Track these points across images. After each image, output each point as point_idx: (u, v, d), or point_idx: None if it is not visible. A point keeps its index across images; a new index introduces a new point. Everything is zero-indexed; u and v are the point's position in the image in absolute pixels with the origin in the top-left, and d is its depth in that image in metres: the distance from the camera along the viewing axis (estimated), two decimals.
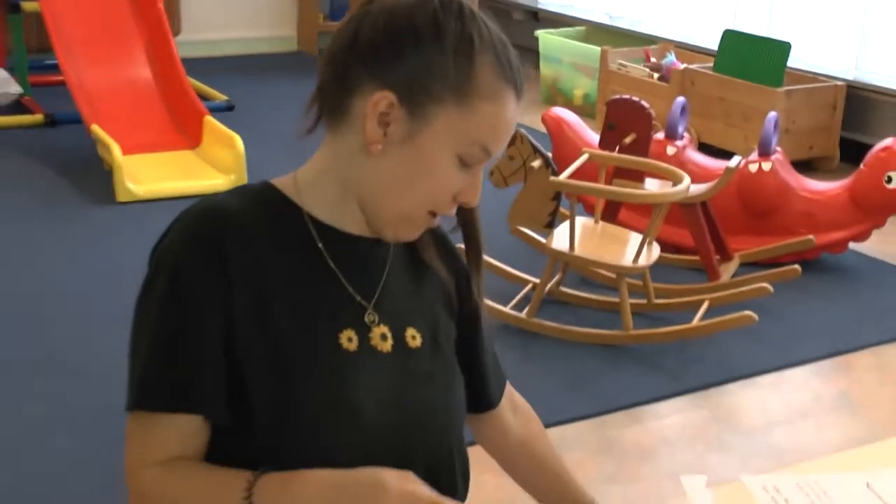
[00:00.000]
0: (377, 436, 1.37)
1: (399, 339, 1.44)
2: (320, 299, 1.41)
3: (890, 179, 4.31)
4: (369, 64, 1.35)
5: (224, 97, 6.36)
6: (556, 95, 6.85)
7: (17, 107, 6.11)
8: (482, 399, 1.61)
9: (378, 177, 1.39)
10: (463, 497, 1.54)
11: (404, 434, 1.42)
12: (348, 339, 1.40)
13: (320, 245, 1.42)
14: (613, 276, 3.91)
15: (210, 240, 1.36)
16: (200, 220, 1.38)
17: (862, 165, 4.42)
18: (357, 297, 1.43)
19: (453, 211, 1.42)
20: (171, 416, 1.35)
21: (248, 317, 1.36)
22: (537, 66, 7.11)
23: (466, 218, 1.51)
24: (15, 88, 6.09)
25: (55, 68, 5.78)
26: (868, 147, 4.54)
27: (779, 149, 4.52)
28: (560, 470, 1.71)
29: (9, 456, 3.03)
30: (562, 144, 4.61)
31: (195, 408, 1.35)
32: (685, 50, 6.45)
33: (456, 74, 1.33)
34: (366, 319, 1.42)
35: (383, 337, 1.43)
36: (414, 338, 1.46)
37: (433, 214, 1.41)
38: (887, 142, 4.42)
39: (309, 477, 1.30)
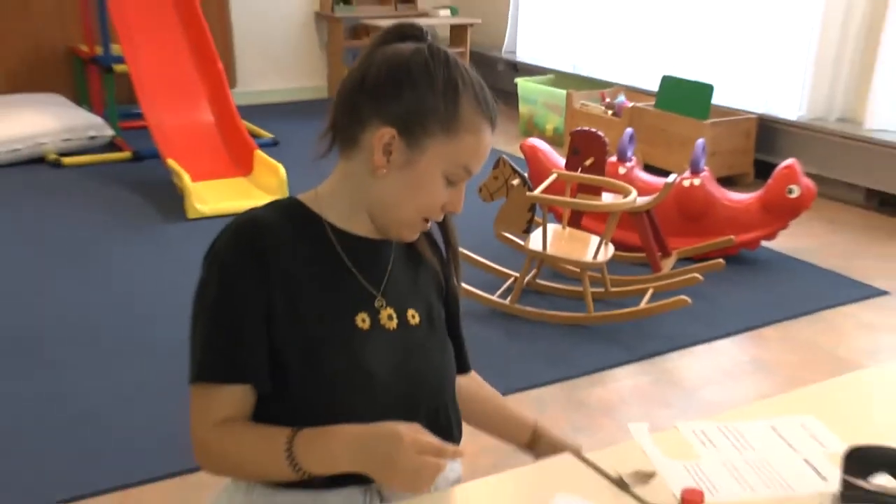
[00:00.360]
0: (387, 395, 1.40)
1: (402, 318, 1.47)
2: (339, 289, 1.43)
3: (791, 191, 4.33)
4: (374, 103, 1.38)
5: (270, 135, 6.36)
6: (532, 129, 6.84)
7: (110, 146, 6.11)
8: (461, 365, 1.64)
9: (383, 193, 1.42)
10: (458, 441, 1.56)
11: (409, 393, 1.44)
12: (362, 320, 1.43)
13: (338, 247, 1.44)
14: (578, 270, 3.91)
15: (249, 244, 1.38)
16: (242, 229, 1.40)
17: (770, 180, 4.43)
18: (368, 287, 1.45)
19: (442, 217, 1.47)
20: (226, 386, 1.37)
21: (282, 304, 1.38)
22: (517, 106, 7.09)
23: (443, 222, 1.56)
24: (108, 132, 6.09)
25: (139, 115, 5.78)
26: (774, 166, 4.54)
27: (706, 168, 4.52)
28: (503, 406, 1.75)
29: (99, 417, 3.03)
30: (536, 167, 4.61)
31: (244, 378, 1.37)
32: (633, 91, 6.45)
33: (445, 112, 1.36)
34: (375, 304, 1.45)
35: (390, 317, 1.45)
36: (413, 317, 1.49)
37: (426, 220, 1.45)
38: (788, 161, 4.43)
39: (337, 431, 1.31)
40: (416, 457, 1.24)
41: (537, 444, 1.68)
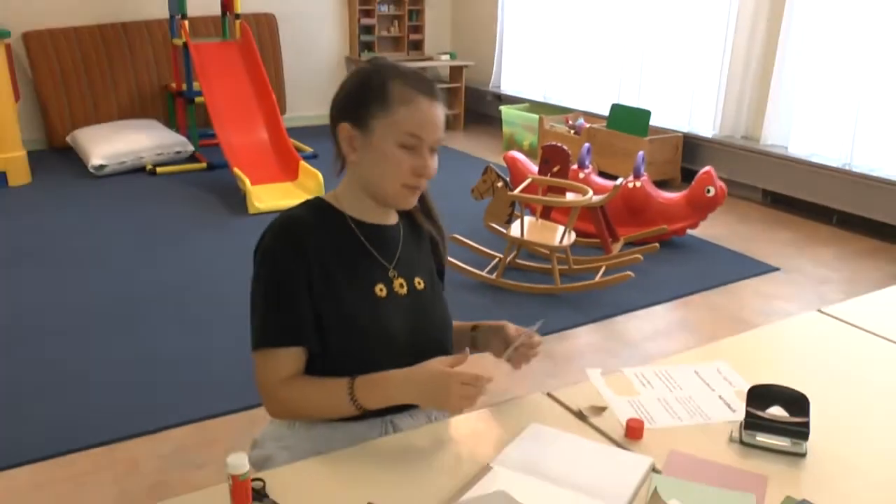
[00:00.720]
0: (403, 349, 1.38)
1: (411, 285, 1.46)
2: (361, 266, 1.42)
3: (709, 191, 4.30)
4: (337, 112, 1.39)
5: (311, 149, 6.33)
6: (513, 144, 6.81)
7: (191, 159, 6.08)
8: None
9: (366, 176, 1.40)
10: None
11: (417, 343, 1.42)
12: (380, 290, 1.42)
13: (357, 233, 1.43)
14: (548, 252, 3.90)
15: (288, 235, 1.37)
16: (282, 225, 1.39)
17: (693, 183, 4.40)
18: (384, 262, 1.44)
19: (421, 181, 1.39)
20: (284, 349, 1.36)
21: (319, 280, 1.37)
22: (500, 127, 7.07)
23: (426, 205, 1.55)
24: (190, 148, 6.07)
25: (213, 135, 5.76)
26: (695, 172, 4.52)
27: (645, 174, 4.50)
28: (455, 328, 1.58)
29: (180, 366, 3.02)
30: (515, 173, 4.59)
31: (298, 341, 1.36)
32: (589, 115, 6.41)
33: (378, 96, 1.34)
34: (389, 275, 1.44)
35: (401, 286, 1.44)
36: (419, 283, 1.48)
37: (408, 187, 1.39)
38: (706, 168, 4.39)
39: (388, 375, 1.32)
40: (462, 387, 1.26)
41: (478, 331, 1.59)
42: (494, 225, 3.93)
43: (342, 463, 1.25)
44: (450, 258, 3.63)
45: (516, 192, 3.83)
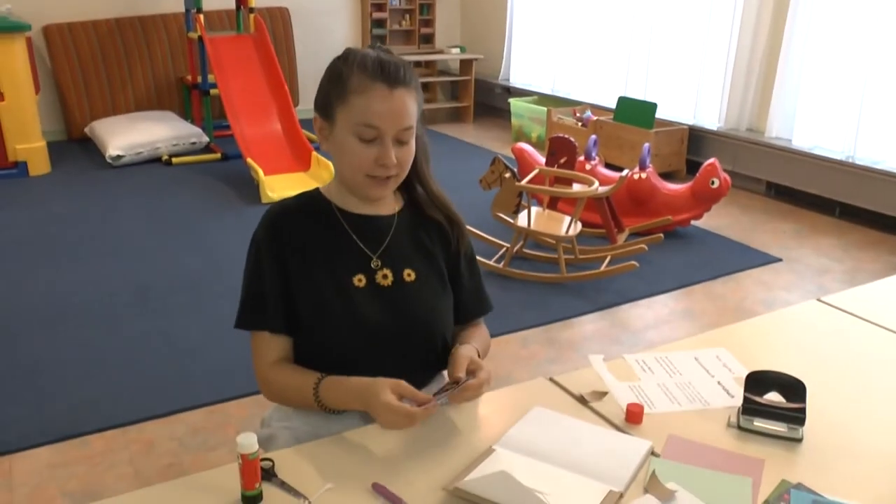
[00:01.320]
0: (379, 337, 1.35)
1: (398, 276, 1.42)
2: (342, 255, 1.40)
3: (713, 183, 4.28)
4: (315, 103, 1.40)
5: None
6: (521, 136, 6.80)
7: (206, 149, 6.09)
8: (454, 317, 1.52)
9: (336, 166, 1.41)
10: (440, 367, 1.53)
11: (401, 335, 1.39)
12: (358, 280, 1.40)
13: (343, 223, 1.42)
14: (554, 241, 3.89)
15: (273, 226, 1.39)
16: (269, 216, 1.41)
17: (697, 175, 4.38)
18: (368, 252, 1.41)
19: (385, 172, 1.34)
20: (269, 334, 1.39)
21: (297, 269, 1.38)
22: (509, 119, 7.04)
23: (431, 195, 1.49)
24: (205, 139, 6.09)
25: (227, 127, 5.77)
26: (700, 164, 4.50)
27: (650, 165, 4.48)
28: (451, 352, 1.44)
29: (195, 349, 3.04)
30: (523, 164, 4.59)
31: (266, 327, 1.39)
32: (596, 108, 6.38)
33: (338, 88, 1.33)
34: (372, 265, 1.41)
35: (384, 276, 1.41)
36: (409, 275, 1.43)
37: (370, 176, 1.35)
38: (710, 161, 4.38)
39: (347, 383, 1.31)
40: (385, 413, 1.23)
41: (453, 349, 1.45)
42: (502, 215, 3.93)
43: (348, 444, 1.26)
44: None
45: (524, 182, 3.83)
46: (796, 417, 1.32)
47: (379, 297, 1.39)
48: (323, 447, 1.26)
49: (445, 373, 1.49)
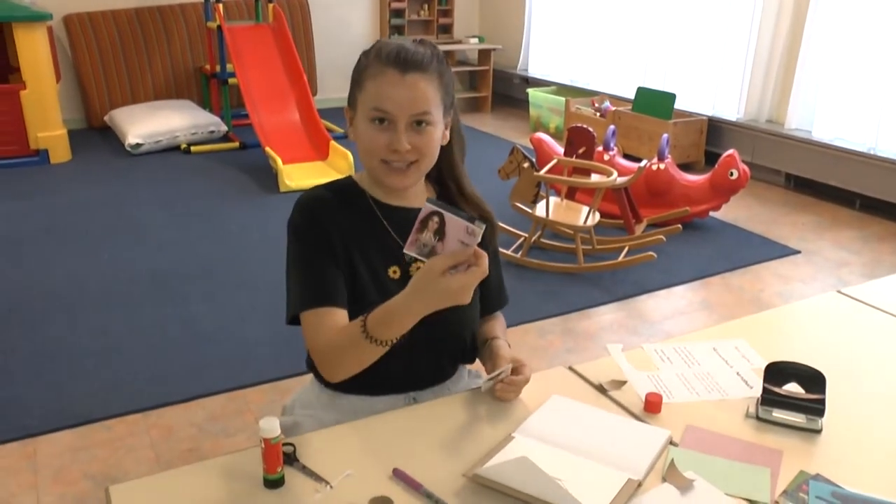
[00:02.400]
0: (412, 331, 1.26)
1: None
2: (378, 246, 1.39)
3: (732, 174, 4.26)
4: (348, 95, 1.40)
5: (341, 130, 6.31)
6: (539, 126, 6.78)
7: (225, 138, 6.12)
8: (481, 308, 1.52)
9: (358, 152, 1.39)
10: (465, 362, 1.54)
11: (434, 326, 1.32)
12: (393, 272, 1.39)
13: (378, 214, 1.41)
14: (572, 232, 3.89)
15: (311, 210, 1.38)
16: (305, 202, 1.39)
17: (716, 166, 4.36)
18: (402, 244, 1.37)
19: (398, 158, 1.32)
20: (324, 309, 1.33)
21: (341, 252, 1.37)
22: (528, 110, 7.03)
23: (459, 187, 1.49)
24: (223, 128, 6.11)
25: (246, 116, 5.76)
26: (719, 155, 4.47)
27: (669, 156, 4.46)
28: (487, 346, 1.48)
29: (214, 335, 3.06)
30: (541, 154, 4.57)
31: (334, 301, 1.34)
32: (615, 98, 6.35)
33: (358, 75, 1.34)
34: (406, 258, 1.39)
35: (418, 269, 1.35)
36: None
37: (385, 162, 1.34)
38: (729, 152, 4.35)
39: (391, 305, 1.23)
40: (447, 278, 1.15)
41: (486, 345, 1.50)
42: (520, 205, 3.93)
43: (369, 431, 1.27)
44: None
45: (542, 172, 3.82)
46: (815, 408, 1.32)
47: None
48: (344, 433, 1.27)
49: (471, 367, 1.50)
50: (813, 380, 1.33)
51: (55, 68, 5.54)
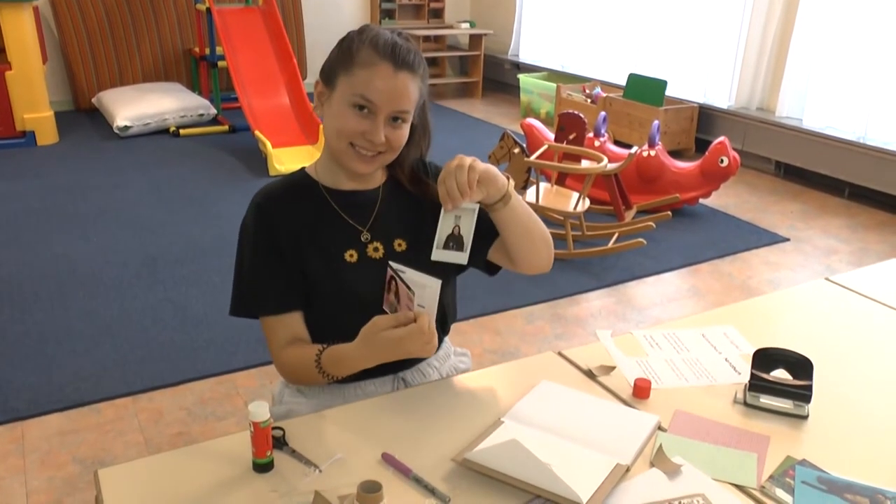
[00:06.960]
0: (375, 309, 1.29)
1: (388, 248, 1.42)
2: (332, 233, 1.40)
3: (722, 161, 4.27)
4: (321, 70, 1.39)
5: None
6: (530, 112, 6.77)
7: (214, 121, 6.09)
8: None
9: (325, 132, 1.39)
10: (441, 337, 1.54)
11: None
12: (350, 255, 1.40)
13: (330, 201, 1.42)
14: (562, 218, 3.88)
15: (261, 211, 1.41)
16: (256, 201, 1.42)
17: (706, 153, 4.37)
18: (357, 227, 1.41)
19: (370, 147, 1.34)
20: (276, 316, 1.39)
21: (289, 250, 1.38)
22: (518, 95, 7.02)
23: (413, 173, 1.47)
24: (212, 111, 6.07)
25: (235, 99, 5.75)
26: (709, 142, 4.48)
27: (659, 143, 4.46)
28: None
29: (201, 321, 3.05)
30: (532, 140, 4.56)
31: (277, 310, 1.40)
32: (606, 85, 6.36)
33: (345, 58, 1.33)
34: (362, 239, 1.41)
35: (375, 249, 1.41)
36: (400, 245, 1.43)
37: (354, 146, 1.34)
38: (720, 139, 4.36)
39: (344, 350, 1.29)
40: (400, 339, 1.19)
41: None
42: None
43: (358, 415, 1.28)
44: None
45: (532, 158, 3.82)
46: (802, 395, 1.33)
47: (372, 270, 1.39)
48: (333, 417, 1.27)
49: (445, 343, 1.52)
50: (800, 366, 1.34)
51: (41, 49, 5.49)
